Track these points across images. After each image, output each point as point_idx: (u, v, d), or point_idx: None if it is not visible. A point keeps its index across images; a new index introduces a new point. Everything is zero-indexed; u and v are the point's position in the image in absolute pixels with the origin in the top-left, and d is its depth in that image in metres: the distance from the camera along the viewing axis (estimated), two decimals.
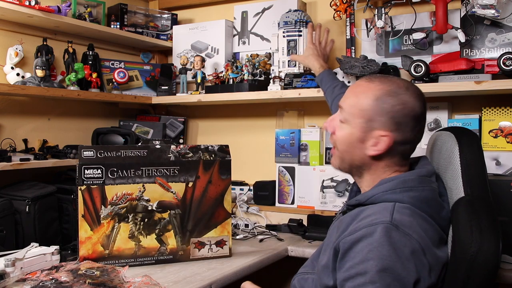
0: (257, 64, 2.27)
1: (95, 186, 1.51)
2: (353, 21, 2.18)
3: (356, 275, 0.99)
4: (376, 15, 1.95)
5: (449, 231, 1.13)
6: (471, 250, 1.01)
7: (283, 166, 2.26)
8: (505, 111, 1.80)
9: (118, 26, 2.37)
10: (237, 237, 2.03)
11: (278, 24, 2.19)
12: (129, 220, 1.55)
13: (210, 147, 1.66)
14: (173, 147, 1.62)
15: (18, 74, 2.00)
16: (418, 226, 1.05)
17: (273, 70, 2.20)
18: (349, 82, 2.05)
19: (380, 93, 1.15)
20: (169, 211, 1.60)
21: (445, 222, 1.13)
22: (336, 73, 2.00)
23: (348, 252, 1.03)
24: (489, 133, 1.82)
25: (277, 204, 2.27)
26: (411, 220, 1.06)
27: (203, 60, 2.37)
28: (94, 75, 2.25)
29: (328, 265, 1.11)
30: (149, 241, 1.57)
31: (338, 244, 1.07)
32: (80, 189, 1.50)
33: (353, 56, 2.17)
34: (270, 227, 2.16)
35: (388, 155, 1.16)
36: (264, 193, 2.30)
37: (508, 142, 1.78)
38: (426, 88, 1.82)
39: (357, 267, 1.00)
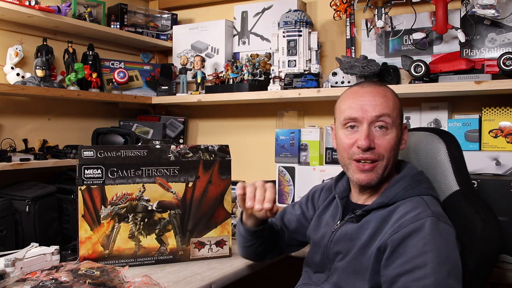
0: (257, 64, 2.27)
1: (95, 186, 1.51)
2: (353, 21, 2.18)
3: (414, 269, 1.03)
4: (376, 15, 1.95)
5: None
6: (479, 226, 1.16)
7: (283, 166, 2.26)
8: (505, 111, 1.80)
9: (118, 26, 2.37)
10: None
11: (278, 24, 2.19)
12: (129, 220, 1.55)
13: (210, 147, 1.66)
14: (173, 147, 1.62)
15: (18, 74, 2.00)
16: (445, 213, 1.14)
17: (273, 70, 2.20)
18: (349, 82, 2.05)
19: (393, 91, 1.24)
20: (169, 211, 1.60)
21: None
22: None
23: (397, 249, 1.06)
24: (489, 133, 1.82)
25: (277, 204, 2.27)
26: (440, 209, 1.15)
27: (203, 60, 2.37)
28: (94, 75, 2.25)
29: (365, 268, 1.12)
30: (149, 241, 1.57)
31: (383, 243, 1.09)
32: (80, 189, 1.50)
33: (353, 56, 2.17)
34: None
35: None
36: None
37: (508, 142, 1.78)
38: (426, 88, 1.82)
39: (414, 261, 1.03)
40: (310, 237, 1.39)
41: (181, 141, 2.58)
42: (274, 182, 2.27)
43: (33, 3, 1.89)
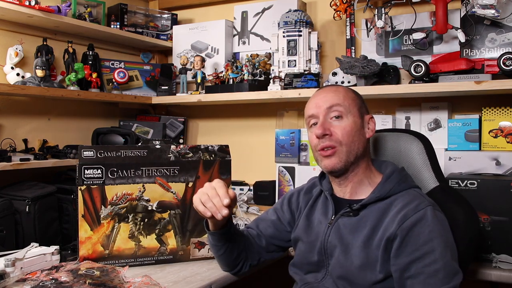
0: (257, 64, 2.27)
1: (95, 186, 1.51)
2: (353, 21, 2.18)
3: (424, 255, 1.12)
4: (376, 15, 1.95)
5: None
6: (461, 217, 1.29)
7: (283, 166, 2.26)
8: (505, 111, 1.80)
9: (118, 26, 2.37)
10: None
11: (278, 24, 2.19)
12: (129, 220, 1.55)
13: (210, 147, 1.66)
14: (173, 147, 1.62)
15: (18, 74, 2.00)
16: None
17: (273, 70, 2.20)
18: (349, 82, 2.05)
19: (350, 90, 1.34)
20: (169, 211, 1.59)
21: None
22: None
23: (406, 238, 1.14)
24: (489, 133, 1.82)
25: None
26: (431, 199, 1.25)
27: (203, 60, 2.37)
28: (94, 75, 2.25)
29: (374, 259, 1.18)
30: (149, 241, 1.57)
31: (392, 234, 1.16)
32: (80, 189, 1.50)
33: (353, 56, 2.17)
34: None
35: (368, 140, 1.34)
36: (264, 193, 2.29)
37: (508, 142, 1.78)
38: (426, 88, 1.82)
39: (423, 248, 1.12)
40: (300, 240, 1.39)
41: (181, 141, 2.58)
42: (274, 182, 2.28)
43: (33, 3, 1.89)
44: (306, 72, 2.11)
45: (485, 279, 1.47)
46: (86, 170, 1.50)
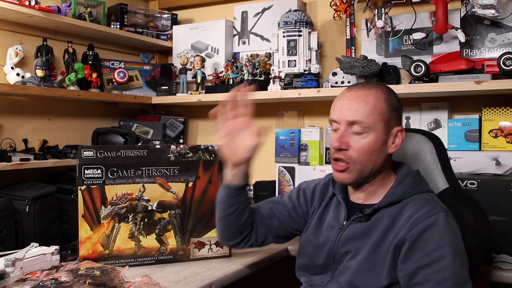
0: (257, 64, 2.27)
1: (95, 186, 1.51)
2: (353, 21, 2.18)
3: (433, 262, 1.09)
4: (376, 15, 1.95)
5: None
6: (472, 220, 1.27)
7: (283, 166, 2.25)
8: (505, 111, 1.80)
9: (118, 26, 2.37)
10: None
11: (278, 24, 2.19)
12: (129, 220, 1.55)
13: (210, 147, 1.66)
14: (173, 147, 1.62)
15: (18, 74, 2.00)
16: None
17: (273, 70, 2.20)
18: (349, 82, 2.05)
19: (385, 95, 1.23)
20: (169, 211, 1.60)
21: None
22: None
23: (415, 244, 1.12)
24: (489, 133, 1.82)
25: None
26: (444, 205, 1.22)
27: (203, 60, 2.37)
28: (94, 75, 2.25)
29: (381, 265, 1.16)
30: (149, 241, 1.57)
31: (401, 239, 1.14)
32: (80, 189, 1.50)
33: (353, 56, 2.17)
34: None
35: None
36: (264, 193, 2.29)
37: (508, 142, 1.78)
38: (426, 88, 1.82)
39: (432, 255, 1.10)
40: (310, 241, 1.36)
41: (181, 141, 2.58)
42: (274, 182, 2.27)
43: (33, 3, 1.89)
44: (306, 72, 2.11)
45: (485, 279, 1.47)
46: (86, 170, 1.50)
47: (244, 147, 1.28)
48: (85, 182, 1.50)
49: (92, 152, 1.52)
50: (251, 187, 2.36)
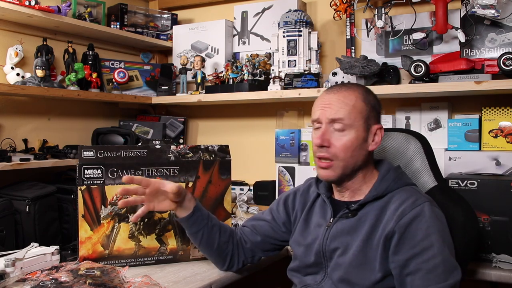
0: (257, 64, 2.27)
1: (95, 186, 1.51)
2: (353, 21, 2.18)
3: (422, 251, 1.13)
4: (376, 15, 1.95)
5: None
6: (460, 217, 1.31)
7: (283, 166, 2.26)
8: (505, 111, 1.80)
9: (118, 26, 2.37)
10: None
11: (278, 24, 2.19)
12: (129, 220, 1.55)
13: (210, 147, 1.66)
14: (173, 147, 1.62)
15: (18, 74, 2.00)
16: None
17: (273, 70, 2.20)
18: (349, 82, 2.05)
19: (363, 95, 1.28)
20: (169, 211, 1.59)
21: None
22: None
23: (404, 234, 1.15)
24: (489, 133, 1.82)
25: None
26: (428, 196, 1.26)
27: (203, 60, 2.37)
28: (94, 75, 2.25)
29: (373, 258, 1.19)
30: (149, 241, 1.57)
31: (390, 231, 1.17)
32: (80, 189, 1.50)
33: (353, 56, 2.17)
34: None
35: None
36: (264, 193, 2.29)
37: (508, 142, 1.78)
38: (426, 88, 1.82)
39: (421, 244, 1.13)
40: (298, 243, 1.38)
41: (181, 141, 2.58)
42: (274, 182, 2.27)
43: (33, 3, 1.89)
44: (306, 72, 2.11)
45: (485, 279, 1.47)
46: (86, 170, 1.50)
47: (165, 208, 1.42)
48: (85, 182, 1.50)
49: (92, 152, 1.52)
50: (251, 187, 2.36)
